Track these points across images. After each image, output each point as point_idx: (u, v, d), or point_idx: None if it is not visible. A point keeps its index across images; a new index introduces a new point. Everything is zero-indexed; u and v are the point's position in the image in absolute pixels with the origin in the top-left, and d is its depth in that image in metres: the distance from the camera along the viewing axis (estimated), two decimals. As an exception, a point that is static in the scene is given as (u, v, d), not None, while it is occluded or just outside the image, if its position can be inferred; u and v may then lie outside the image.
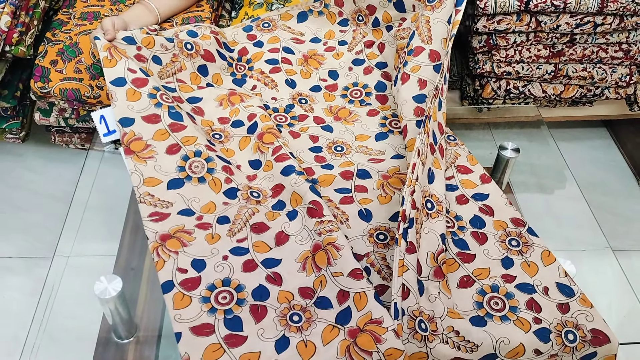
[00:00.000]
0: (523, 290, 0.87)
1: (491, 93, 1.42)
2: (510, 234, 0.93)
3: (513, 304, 0.85)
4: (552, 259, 0.90)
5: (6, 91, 1.36)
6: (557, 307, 0.85)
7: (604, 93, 1.45)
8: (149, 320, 0.89)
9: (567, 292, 0.87)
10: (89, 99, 1.27)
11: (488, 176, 1.02)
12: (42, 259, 1.34)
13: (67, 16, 1.40)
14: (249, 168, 0.99)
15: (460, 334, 0.80)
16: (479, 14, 1.29)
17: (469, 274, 0.89)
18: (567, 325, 0.82)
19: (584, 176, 1.63)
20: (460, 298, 0.86)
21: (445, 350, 0.78)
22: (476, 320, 0.83)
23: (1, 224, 1.41)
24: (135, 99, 0.99)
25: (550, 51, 1.35)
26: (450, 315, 0.81)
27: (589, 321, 0.83)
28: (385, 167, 0.98)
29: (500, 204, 0.98)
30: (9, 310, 1.25)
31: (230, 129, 1.05)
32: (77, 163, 1.55)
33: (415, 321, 0.78)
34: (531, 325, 0.82)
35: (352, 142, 1.04)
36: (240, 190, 0.94)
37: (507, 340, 0.80)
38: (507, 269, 0.89)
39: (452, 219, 0.95)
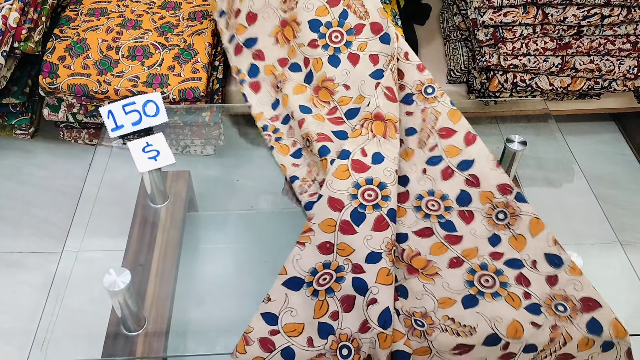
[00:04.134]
0: (512, 266, 0.88)
1: (498, 86, 1.41)
2: (497, 206, 0.93)
3: (503, 279, 0.86)
4: (541, 227, 0.90)
5: (15, 87, 1.37)
6: (545, 280, 0.85)
7: (612, 85, 1.44)
8: (157, 313, 0.90)
9: (555, 262, 0.87)
10: (97, 94, 1.28)
11: (473, 134, 0.99)
12: (52, 254, 1.36)
13: (74, 12, 1.41)
14: (299, 112, 1.04)
15: (455, 320, 0.81)
16: (485, 7, 1.29)
17: (457, 255, 0.90)
18: (555, 299, 0.84)
19: (592, 170, 1.63)
20: (451, 278, 0.87)
21: (446, 338, 0.79)
22: (468, 300, 0.84)
23: (11, 219, 1.43)
24: None
25: (557, 43, 1.35)
26: (441, 306, 0.83)
27: (578, 290, 0.84)
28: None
29: (486, 170, 0.96)
30: (20, 305, 1.26)
31: (288, 73, 1.09)
32: (86, 158, 1.56)
33: (411, 319, 0.80)
34: (521, 300, 0.84)
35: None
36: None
37: (500, 318, 0.82)
38: (494, 247, 0.90)
39: (438, 201, 0.96)
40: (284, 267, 0.87)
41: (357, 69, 1.07)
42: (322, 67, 1.08)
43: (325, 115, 1.05)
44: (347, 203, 0.91)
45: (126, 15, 1.40)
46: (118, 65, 1.30)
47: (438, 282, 0.87)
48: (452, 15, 1.55)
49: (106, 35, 1.35)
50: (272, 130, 1.10)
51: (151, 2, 1.47)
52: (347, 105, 1.06)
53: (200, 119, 1.33)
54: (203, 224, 1.15)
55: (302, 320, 0.83)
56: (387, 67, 1.05)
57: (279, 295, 0.85)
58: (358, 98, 1.06)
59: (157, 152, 1.00)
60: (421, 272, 0.88)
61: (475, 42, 1.42)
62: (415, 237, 0.93)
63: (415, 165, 1.01)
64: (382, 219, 0.88)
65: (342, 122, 1.03)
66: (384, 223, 0.88)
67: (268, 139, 1.10)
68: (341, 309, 0.83)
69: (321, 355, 0.80)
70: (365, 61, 1.07)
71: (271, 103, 1.14)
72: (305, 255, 0.88)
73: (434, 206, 0.95)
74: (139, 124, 1.02)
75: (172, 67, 1.31)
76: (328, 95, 1.07)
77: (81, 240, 1.07)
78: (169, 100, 1.28)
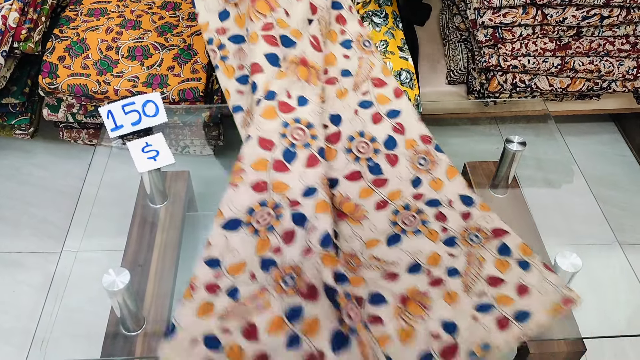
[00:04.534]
0: (431, 205, 0.98)
1: (497, 87, 1.41)
2: (419, 153, 1.03)
3: (423, 218, 0.96)
4: (455, 172, 1.02)
5: (15, 87, 1.37)
6: (460, 216, 0.96)
7: (611, 86, 1.44)
8: (156, 313, 0.90)
9: (468, 201, 0.98)
10: (97, 94, 1.28)
11: (401, 90, 1.10)
12: (51, 254, 1.36)
13: (74, 13, 1.41)
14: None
15: (381, 259, 0.90)
16: (484, 7, 1.29)
17: (384, 198, 0.98)
18: (470, 230, 0.94)
19: (591, 170, 1.63)
20: (377, 219, 0.95)
21: (372, 274, 0.87)
22: (392, 239, 0.93)
23: (11, 219, 1.43)
24: None
25: (556, 44, 1.35)
26: (368, 246, 0.92)
27: (489, 222, 0.95)
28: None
29: (411, 121, 1.07)
30: (19, 304, 1.26)
31: None
32: (85, 158, 1.56)
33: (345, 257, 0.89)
34: (439, 234, 0.94)
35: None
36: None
37: (421, 251, 0.91)
38: (416, 188, 1.00)
39: (367, 142, 1.04)
40: (220, 210, 0.90)
41: (299, 4, 1.10)
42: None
43: (260, 31, 1.05)
44: (278, 142, 0.96)
45: (126, 15, 1.41)
46: (118, 66, 1.30)
47: (365, 225, 0.95)
48: (451, 15, 1.56)
49: (106, 35, 1.35)
50: (217, 46, 1.11)
51: (151, 2, 1.47)
52: (284, 30, 1.08)
53: (200, 119, 1.33)
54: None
55: (243, 258, 0.87)
56: (319, 22, 1.10)
57: (218, 238, 0.88)
58: (295, 31, 1.08)
59: (156, 152, 1.00)
60: (350, 217, 0.95)
61: (474, 42, 1.42)
62: (345, 182, 1.00)
63: (349, 106, 1.08)
64: (313, 156, 0.96)
65: (276, 44, 1.06)
66: (316, 160, 0.96)
67: (213, 55, 1.11)
68: (283, 242, 0.88)
69: (264, 290, 0.83)
70: (306, 5, 1.10)
71: (218, 12, 1.12)
72: (239, 195, 0.92)
73: (363, 148, 1.03)
74: (139, 124, 1.02)
75: (172, 67, 1.31)
76: (267, 8, 1.06)
77: (80, 240, 1.07)
78: (168, 101, 1.29)
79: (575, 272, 0.84)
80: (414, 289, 0.86)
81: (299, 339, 0.79)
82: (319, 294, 0.82)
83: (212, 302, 0.82)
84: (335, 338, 0.79)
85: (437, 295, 0.86)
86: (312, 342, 0.79)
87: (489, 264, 0.90)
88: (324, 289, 0.82)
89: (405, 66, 1.25)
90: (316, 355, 0.78)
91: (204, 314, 0.81)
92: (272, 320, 0.81)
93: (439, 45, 1.58)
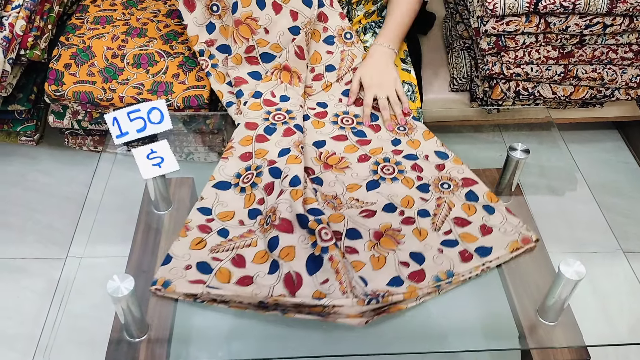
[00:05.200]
0: (409, 158, 1.10)
1: (501, 94, 1.42)
2: (399, 122, 1.18)
3: (401, 168, 1.08)
4: (432, 135, 1.15)
5: (21, 94, 1.38)
6: (435, 167, 1.09)
7: (614, 94, 1.44)
8: (160, 320, 0.90)
9: (443, 156, 1.11)
10: (102, 101, 1.29)
11: None
12: (56, 260, 1.36)
13: (80, 20, 1.43)
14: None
15: (360, 200, 1.02)
16: (487, 16, 1.30)
17: (366, 153, 1.11)
18: (442, 179, 1.07)
19: (594, 178, 1.63)
20: (359, 169, 1.08)
21: (351, 212, 1.00)
22: (371, 184, 1.05)
23: (16, 225, 1.43)
24: None
25: (559, 52, 1.35)
26: (349, 190, 1.04)
27: (460, 173, 1.08)
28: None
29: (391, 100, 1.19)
30: (24, 310, 1.26)
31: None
32: (90, 165, 1.57)
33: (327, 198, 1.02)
34: (414, 182, 1.06)
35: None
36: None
37: (396, 195, 1.03)
38: (395, 146, 1.13)
39: (351, 117, 1.19)
40: (212, 176, 1.06)
41: (278, 18, 1.19)
42: (249, 4, 1.18)
43: (243, 53, 1.21)
44: (261, 123, 1.14)
45: (131, 23, 1.42)
46: (123, 73, 1.31)
47: (348, 173, 1.07)
48: (454, 23, 1.56)
49: (111, 43, 1.36)
50: (207, 56, 1.26)
51: (156, 10, 1.48)
52: (264, 48, 1.21)
53: (204, 126, 1.34)
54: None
55: (232, 209, 1.01)
56: (305, 27, 1.21)
57: (210, 194, 1.03)
58: (275, 46, 1.21)
59: (161, 159, 1.01)
60: (334, 167, 1.08)
61: (478, 50, 1.42)
62: (332, 141, 1.13)
63: (333, 95, 1.23)
64: (290, 129, 1.12)
65: (257, 63, 1.22)
66: (292, 131, 1.11)
67: (204, 63, 1.26)
68: (265, 194, 1.02)
69: (251, 232, 0.97)
70: (286, 14, 1.19)
71: (205, 25, 1.25)
72: (229, 165, 1.08)
73: (348, 121, 1.18)
74: (144, 131, 1.02)
75: (177, 74, 1.32)
76: (249, 32, 1.19)
77: (85, 246, 1.08)
78: (173, 108, 1.29)
79: (579, 279, 0.84)
80: (387, 225, 0.98)
81: (277, 263, 0.91)
82: (293, 226, 0.94)
83: (204, 238, 0.96)
84: (310, 261, 0.90)
85: (408, 231, 0.98)
86: (290, 265, 0.90)
87: (457, 208, 1.02)
88: (297, 218, 0.93)
89: (408, 78, 1.26)
90: (293, 275, 0.89)
91: (197, 247, 0.95)
92: (257, 254, 0.93)
93: (442, 53, 1.59)
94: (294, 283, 0.88)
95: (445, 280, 0.91)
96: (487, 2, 1.26)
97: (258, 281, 0.90)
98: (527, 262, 0.98)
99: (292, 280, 0.88)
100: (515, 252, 0.97)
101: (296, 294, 0.87)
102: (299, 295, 0.86)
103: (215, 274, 0.91)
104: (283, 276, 0.89)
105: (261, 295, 0.87)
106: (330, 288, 0.87)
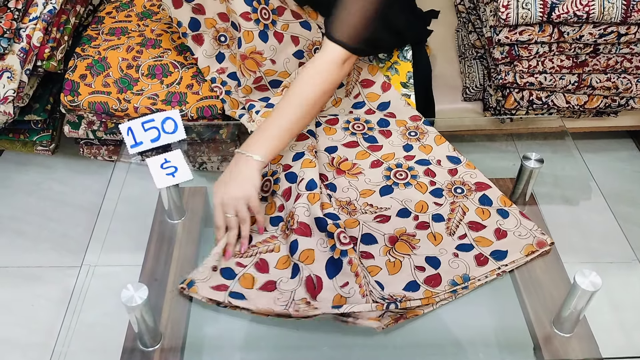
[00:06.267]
0: (421, 164, 1.12)
1: (514, 104, 1.41)
2: (410, 128, 1.20)
3: (413, 173, 1.10)
4: (443, 140, 1.17)
5: (37, 105, 1.40)
6: (447, 172, 1.10)
7: (629, 103, 1.43)
8: (173, 329, 0.90)
9: (455, 160, 1.13)
10: (117, 111, 1.31)
11: (388, 83, 1.25)
12: (70, 269, 1.37)
13: (95, 32, 1.45)
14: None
15: (373, 205, 1.04)
16: (500, 25, 1.29)
17: (378, 159, 1.13)
18: (455, 184, 1.08)
19: (609, 188, 1.61)
20: (372, 174, 1.10)
21: (366, 217, 1.02)
22: (385, 189, 1.07)
23: (31, 234, 1.45)
24: None
25: (573, 61, 1.34)
26: (362, 195, 1.06)
27: (473, 177, 1.09)
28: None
29: (400, 107, 1.23)
30: (38, 319, 1.27)
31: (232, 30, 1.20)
32: (105, 174, 1.58)
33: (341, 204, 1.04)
34: (427, 187, 1.07)
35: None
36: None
37: (410, 200, 1.05)
38: (407, 152, 1.15)
39: (362, 124, 1.21)
40: None
41: (282, 46, 1.21)
42: (252, 40, 1.18)
43: (252, 84, 1.23)
44: None
45: (146, 34, 1.43)
46: (138, 84, 1.33)
47: (361, 178, 1.09)
48: (467, 33, 1.56)
49: (126, 54, 1.37)
50: (220, 83, 1.29)
51: (170, 22, 1.50)
52: (272, 77, 1.23)
53: (217, 136, 1.34)
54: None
55: None
56: (308, 50, 1.23)
57: None
58: (283, 73, 1.23)
59: (175, 169, 1.02)
60: (347, 172, 1.11)
61: (490, 60, 1.42)
62: (343, 148, 1.16)
63: (343, 110, 1.25)
64: (302, 134, 1.12)
65: (267, 89, 1.24)
66: (305, 136, 1.12)
67: (218, 90, 1.29)
68: (284, 200, 1.03)
69: (273, 237, 0.99)
70: (288, 41, 1.21)
71: (215, 55, 1.28)
72: None
73: (359, 127, 1.20)
74: (158, 141, 1.03)
75: (191, 85, 1.33)
76: (255, 66, 1.20)
77: (99, 255, 1.08)
78: (187, 118, 1.30)
79: (595, 290, 0.83)
80: (402, 230, 1.00)
81: (298, 266, 0.92)
82: (311, 229, 0.95)
83: None
84: (330, 264, 0.92)
85: (422, 236, 0.99)
86: (310, 268, 0.91)
87: (471, 212, 1.03)
88: (315, 221, 0.95)
89: (407, 103, 1.26)
90: (314, 278, 0.90)
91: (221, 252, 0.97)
92: (280, 259, 0.95)
93: (455, 62, 1.59)
94: (314, 287, 0.90)
95: (461, 285, 0.91)
96: (500, 11, 1.26)
97: (281, 286, 0.91)
98: (542, 272, 0.97)
99: (313, 283, 0.90)
100: (530, 255, 0.97)
101: (317, 297, 0.88)
102: (320, 299, 0.88)
103: (239, 279, 0.93)
104: (304, 279, 0.91)
105: (281, 305, 0.88)
106: (350, 291, 0.88)
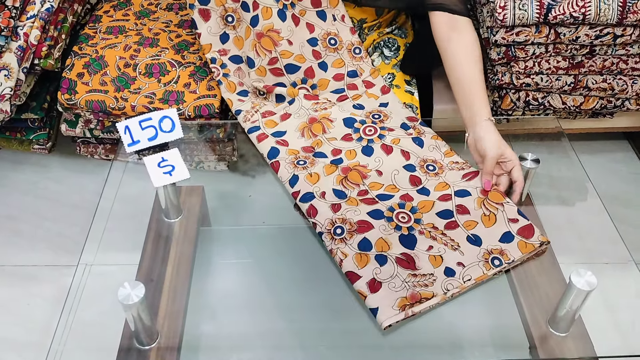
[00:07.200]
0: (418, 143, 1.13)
1: (510, 104, 1.42)
2: (407, 127, 1.19)
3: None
4: (440, 139, 1.15)
5: (34, 103, 1.40)
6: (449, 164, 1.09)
7: (625, 104, 1.44)
8: (170, 327, 0.90)
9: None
10: (114, 110, 1.31)
11: (387, 87, 1.27)
12: (66, 268, 1.37)
13: (93, 30, 1.44)
14: (334, 196, 1.03)
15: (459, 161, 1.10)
16: (497, 26, 1.30)
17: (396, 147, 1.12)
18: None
19: (605, 189, 1.62)
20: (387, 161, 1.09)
21: (453, 174, 1.07)
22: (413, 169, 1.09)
23: (27, 233, 1.45)
24: None
25: (569, 62, 1.35)
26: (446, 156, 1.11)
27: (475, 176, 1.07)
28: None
29: (397, 109, 1.23)
30: (34, 318, 1.27)
31: (314, 158, 1.11)
32: (101, 173, 1.58)
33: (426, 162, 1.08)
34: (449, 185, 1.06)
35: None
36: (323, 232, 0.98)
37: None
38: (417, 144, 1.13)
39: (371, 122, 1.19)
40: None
41: (298, 29, 1.20)
42: (271, 17, 1.19)
43: (267, 65, 1.22)
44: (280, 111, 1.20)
45: (143, 33, 1.43)
46: (135, 82, 1.33)
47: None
48: (464, 34, 1.56)
49: (124, 52, 1.37)
50: (219, 65, 1.26)
51: (168, 20, 1.50)
52: (287, 59, 1.22)
53: (215, 135, 1.35)
54: (216, 239, 1.15)
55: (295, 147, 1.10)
56: (322, 39, 1.23)
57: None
58: (299, 57, 1.21)
59: (172, 167, 1.02)
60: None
61: (487, 60, 1.43)
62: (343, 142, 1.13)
63: (345, 110, 1.22)
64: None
65: (282, 74, 1.22)
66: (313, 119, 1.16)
67: (216, 71, 1.27)
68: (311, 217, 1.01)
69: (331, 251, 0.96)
70: (303, 26, 1.21)
71: (219, 35, 1.25)
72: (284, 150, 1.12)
73: (370, 131, 1.16)
74: (155, 140, 1.03)
75: (188, 84, 1.33)
76: (271, 45, 1.20)
77: (95, 254, 1.08)
78: (184, 117, 1.30)
79: (590, 290, 0.83)
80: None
81: (382, 256, 0.93)
82: (369, 223, 0.97)
83: None
84: (403, 240, 0.95)
85: None
86: (393, 253, 0.93)
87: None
88: (369, 215, 0.98)
89: (410, 100, 1.27)
90: (403, 257, 0.93)
91: None
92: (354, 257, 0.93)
93: (452, 63, 1.59)
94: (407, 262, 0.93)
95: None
96: (497, 12, 1.27)
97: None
98: (537, 272, 0.98)
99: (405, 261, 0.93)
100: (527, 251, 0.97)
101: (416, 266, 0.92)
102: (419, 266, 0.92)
103: None
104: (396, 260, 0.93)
105: None
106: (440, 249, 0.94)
